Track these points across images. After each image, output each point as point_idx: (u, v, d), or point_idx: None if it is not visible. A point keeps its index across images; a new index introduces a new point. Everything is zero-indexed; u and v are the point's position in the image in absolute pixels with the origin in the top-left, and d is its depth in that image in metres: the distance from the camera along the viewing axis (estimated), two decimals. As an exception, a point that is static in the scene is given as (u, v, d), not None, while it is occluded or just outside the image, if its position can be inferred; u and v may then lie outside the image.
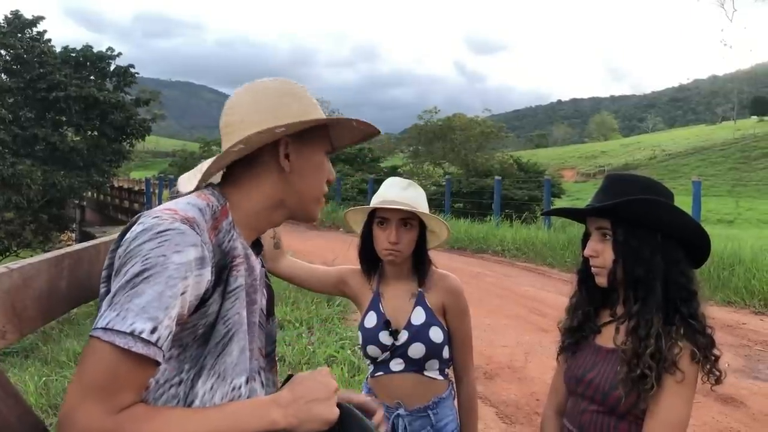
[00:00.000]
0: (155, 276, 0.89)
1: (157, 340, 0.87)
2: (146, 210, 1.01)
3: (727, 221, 36.83)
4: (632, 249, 1.51)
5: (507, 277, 9.52)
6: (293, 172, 1.10)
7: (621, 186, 1.57)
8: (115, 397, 0.87)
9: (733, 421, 4.08)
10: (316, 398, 1.04)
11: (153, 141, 69.06)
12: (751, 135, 68.69)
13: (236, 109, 1.10)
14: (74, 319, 7.69)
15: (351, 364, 4.95)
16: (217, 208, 1.05)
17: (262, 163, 1.09)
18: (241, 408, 0.99)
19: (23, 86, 21.45)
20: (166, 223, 0.94)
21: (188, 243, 0.94)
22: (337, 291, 2.14)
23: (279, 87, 1.11)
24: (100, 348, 0.86)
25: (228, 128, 1.10)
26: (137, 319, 0.86)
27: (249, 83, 1.13)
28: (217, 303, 1.01)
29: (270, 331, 1.21)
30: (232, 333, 1.03)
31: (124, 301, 0.87)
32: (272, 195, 1.11)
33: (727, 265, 7.87)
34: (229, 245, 1.04)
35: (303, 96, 1.12)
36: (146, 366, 0.89)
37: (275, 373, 1.23)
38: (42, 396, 4.64)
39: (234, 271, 1.04)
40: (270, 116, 1.07)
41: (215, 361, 1.01)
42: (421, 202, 1.94)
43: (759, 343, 5.75)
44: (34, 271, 0.98)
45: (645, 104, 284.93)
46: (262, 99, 1.09)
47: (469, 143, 28.79)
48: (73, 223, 27.20)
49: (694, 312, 1.50)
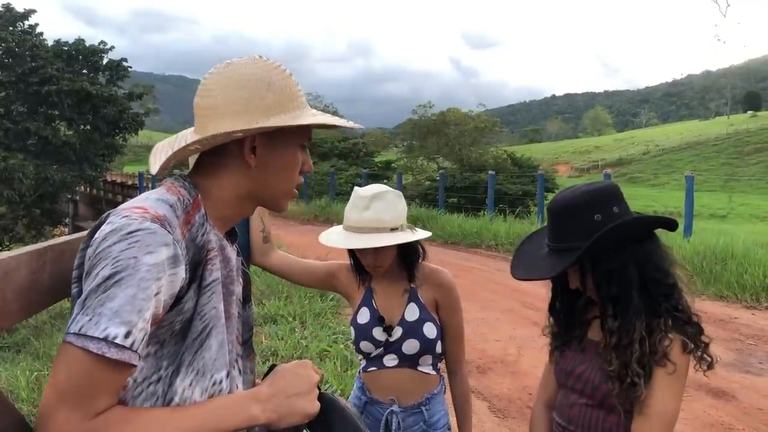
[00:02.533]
0: (127, 279, 0.87)
1: (131, 344, 0.86)
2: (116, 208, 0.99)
3: (720, 216, 37.03)
4: (605, 274, 1.48)
5: (500, 271, 9.52)
6: (260, 166, 1.06)
7: (571, 219, 1.50)
8: (91, 402, 0.86)
9: (725, 415, 4.10)
10: (297, 392, 1.03)
11: (146, 135, 68.55)
12: (744, 130, 68.97)
13: (210, 92, 1.05)
14: (65, 314, 7.65)
15: (344, 359, 4.95)
16: (188, 201, 1.03)
17: (229, 154, 1.05)
18: (219, 405, 0.98)
19: (15, 80, 21.28)
20: (135, 223, 0.91)
21: (159, 243, 0.91)
22: (328, 286, 2.13)
23: (255, 74, 1.05)
24: (74, 353, 0.85)
25: (199, 110, 1.06)
26: (110, 323, 0.85)
27: (228, 63, 1.07)
28: (192, 299, 0.99)
29: (246, 317, 1.19)
30: (210, 328, 1.02)
31: (96, 305, 0.85)
32: (240, 187, 1.08)
33: (720, 260, 7.90)
34: (202, 239, 1.02)
35: (281, 85, 1.06)
36: (121, 370, 0.88)
37: (252, 360, 1.22)
38: (33, 391, 4.63)
39: (209, 266, 1.02)
40: (241, 107, 1.03)
41: (193, 357, 1.00)
42: (386, 216, 1.84)
43: (750, 337, 5.78)
44: (15, 264, 0.96)
45: (639, 99, 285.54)
46: (236, 87, 1.04)
47: (464, 138, 28.81)
48: (66, 217, 27.07)
49: (676, 304, 1.48)
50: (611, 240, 1.45)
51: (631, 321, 1.46)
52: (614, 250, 1.47)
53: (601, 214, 1.47)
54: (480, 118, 30.49)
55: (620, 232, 1.46)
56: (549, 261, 1.54)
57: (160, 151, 1.10)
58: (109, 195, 26.63)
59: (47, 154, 21.41)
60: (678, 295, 1.49)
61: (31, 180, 19.65)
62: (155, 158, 1.09)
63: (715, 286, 7.47)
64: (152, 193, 1.02)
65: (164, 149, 1.10)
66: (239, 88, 1.04)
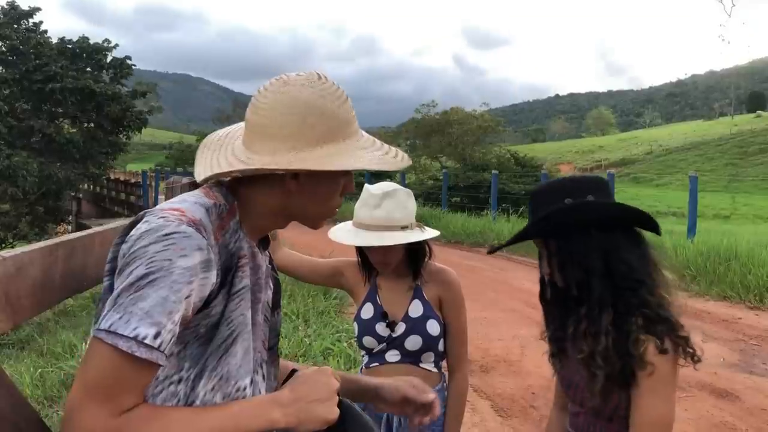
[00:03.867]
0: (160, 280, 0.88)
1: (159, 345, 0.88)
2: (143, 203, 1.00)
3: (724, 216, 36.93)
4: (566, 256, 1.47)
5: (503, 271, 9.53)
6: (300, 191, 1.06)
7: (543, 198, 1.52)
8: (118, 398, 0.87)
9: (728, 415, 4.10)
10: (318, 398, 1.03)
11: (150, 133, 68.95)
12: (748, 130, 68.77)
13: (261, 110, 1.04)
14: (70, 311, 7.69)
15: (347, 357, 4.96)
16: (224, 207, 1.04)
17: (272, 174, 1.04)
18: (242, 408, 1.00)
19: (19, 77, 21.29)
20: (172, 225, 0.93)
21: (194, 247, 0.93)
22: (334, 283, 2.15)
23: (309, 100, 1.03)
24: (103, 350, 0.86)
25: (249, 125, 1.06)
26: (141, 323, 0.86)
27: (285, 82, 1.05)
28: (221, 304, 1.01)
29: (274, 323, 1.20)
30: (236, 335, 1.03)
31: (128, 303, 0.87)
32: (277, 204, 1.08)
33: (723, 260, 7.89)
34: (235, 246, 1.04)
35: (333, 114, 1.04)
36: (149, 369, 0.89)
37: (277, 366, 1.22)
38: (38, 387, 4.64)
39: (239, 272, 1.04)
40: (289, 133, 1.01)
41: (217, 363, 1.01)
42: (397, 215, 1.87)
43: (754, 337, 5.77)
44: (28, 259, 0.97)
45: (642, 99, 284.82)
46: (287, 111, 1.02)
47: (467, 137, 28.80)
48: (70, 215, 27.09)
49: (643, 300, 1.43)
50: (566, 219, 1.45)
51: (595, 310, 1.43)
52: (577, 233, 1.45)
53: (573, 198, 1.47)
54: (483, 117, 30.46)
55: (579, 213, 1.45)
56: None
57: (207, 154, 1.10)
58: (113, 193, 26.66)
59: (51, 152, 21.43)
60: (648, 293, 1.44)
61: (34, 177, 19.64)
62: (201, 160, 1.10)
63: (718, 287, 7.46)
64: (189, 195, 1.03)
65: (211, 152, 1.10)
66: (290, 113, 1.02)
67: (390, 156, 1.08)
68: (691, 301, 7.22)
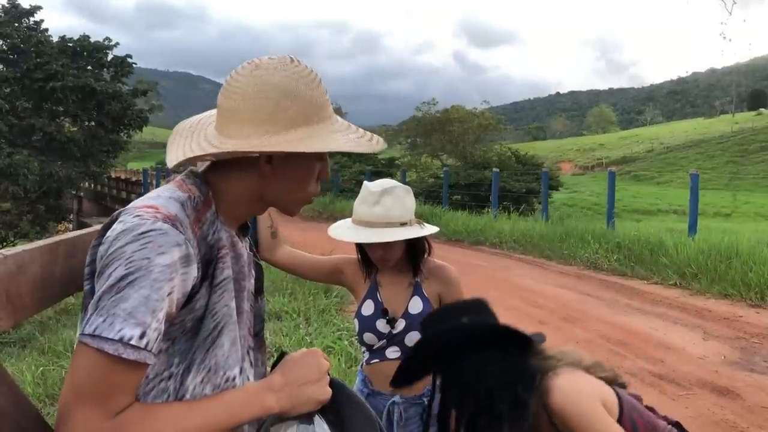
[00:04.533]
0: (140, 280, 0.88)
1: (146, 345, 0.87)
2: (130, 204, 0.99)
3: (725, 214, 36.88)
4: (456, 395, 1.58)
5: (504, 269, 9.53)
6: (275, 175, 1.05)
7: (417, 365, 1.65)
8: (110, 401, 0.87)
9: (729, 413, 4.10)
10: (309, 380, 1.05)
11: (150, 132, 68.80)
12: (749, 128, 68.69)
13: (234, 95, 1.03)
14: (71, 309, 7.68)
15: (348, 355, 4.96)
16: (199, 199, 1.03)
17: (245, 159, 1.03)
18: (235, 397, 1.00)
19: (20, 76, 21.30)
20: (147, 223, 0.92)
21: (172, 243, 0.92)
22: (334, 280, 2.16)
23: (282, 83, 1.01)
24: (90, 354, 0.86)
25: (221, 110, 1.04)
26: (125, 325, 0.86)
27: (257, 66, 1.03)
28: (204, 297, 1.00)
29: (258, 309, 1.20)
30: (222, 326, 1.03)
31: (110, 306, 0.86)
32: (252, 190, 1.07)
33: (724, 258, 7.89)
34: (213, 237, 1.03)
35: (306, 97, 1.03)
36: (137, 369, 0.89)
37: (264, 352, 1.23)
38: (39, 386, 4.65)
39: (220, 264, 1.03)
40: (263, 117, 1.00)
41: (205, 355, 1.01)
42: (396, 211, 1.88)
43: (755, 335, 5.77)
44: (29, 257, 0.97)
45: (643, 97, 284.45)
46: (260, 95, 1.00)
47: (468, 135, 28.75)
48: (71, 213, 27.12)
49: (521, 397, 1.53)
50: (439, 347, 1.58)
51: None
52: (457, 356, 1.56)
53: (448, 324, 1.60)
54: (484, 115, 30.40)
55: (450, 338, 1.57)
56: None
57: (179, 141, 1.09)
58: (114, 191, 26.72)
59: (52, 151, 21.44)
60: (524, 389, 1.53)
61: (35, 176, 19.65)
62: (172, 147, 1.08)
63: (719, 285, 7.46)
64: (163, 190, 1.02)
65: (183, 139, 1.09)
66: (263, 97, 1.01)
67: (365, 139, 1.08)
68: (692, 299, 7.22)
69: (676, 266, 8.22)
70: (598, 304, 7.08)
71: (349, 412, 1.10)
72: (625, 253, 9.22)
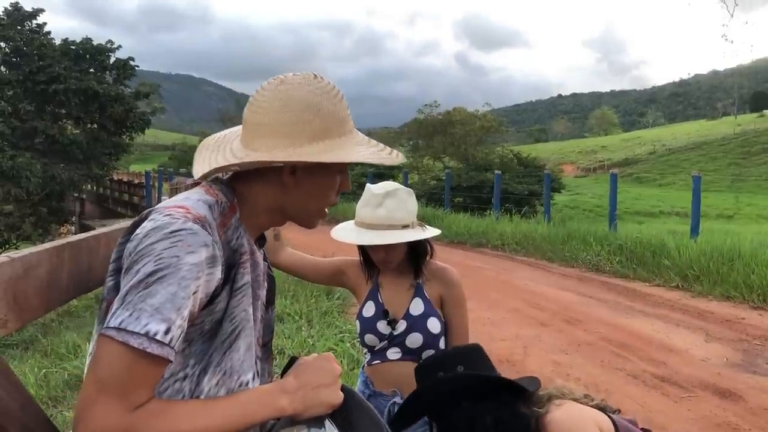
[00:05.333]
0: (168, 277, 0.90)
1: (170, 341, 0.89)
2: (146, 203, 1.01)
3: (727, 216, 36.84)
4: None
5: (506, 271, 9.53)
6: (297, 187, 1.08)
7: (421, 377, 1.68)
8: (131, 395, 0.88)
9: (731, 415, 4.09)
10: (322, 384, 1.06)
11: (152, 134, 69.16)
12: (751, 130, 68.62)
13: (259, 109, 1.06)
14: (74, 311, 7.70)
15: (350, 357, 4.97)
16: (225, 204, 1.06)
17: (270, 170, 1.07)
18: (249, 397, 1.02)
19: (23, 78, 21.39)
20: (178, 222, 0.94)
21: (200, 243, 0.94)
22: (336, 282, 2.17)
23: (306, 98, 1.05)
24: (115, 348, 0.87)
25: (247, 124, 1.08)
26: (151, 320, 0.87)
27: (282, 81, 1.08)
28: (224, 300, 1.02)
29: (268, 320, 1.22)
30: (239, 330, 1.05)
31: (137, 301, 0.88)
32: (275, 201, 1.10)
33: (727, 260, 7.87)
34: (237, 243, 1.05)
35: (329, 111, 1.07)
36: (160, 365, 0.91)
37: (270, 363, 1.25)
38: (42, 388, 4.65)
39: (241, 269, 1.05)
40: (287, 130, 1.04)
41: (222, 358, 1.03)
42: (399, 214, 1.90)
43: (757, 337, 5.76)
44: (36, 260, 0.98)
45: (645, 99, 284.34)
46: (284, 109, 1.04)
47: (469, 137, 28.80)
48: (73, 215, 27.17)
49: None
50: (435, 396, 1.61)
51: None
52: (450, 406, 1.59)
53: (444, 371, 1.62)
54: (486, 117, 30.47)
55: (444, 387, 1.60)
56: None
57: (205, 154, 1.12)
58: (116, 194, 26.75)
59: (54, 153, 21.50)
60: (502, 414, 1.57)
61: (38, 178, 19.72)
62: (199, 160, 1.12)
63: (721, 287, 7.44)
64: (192, 193, 1.05)
65: (210, 152, 1.12)
66: (287, 111, 1.04)
67: (385, 153, 1.12)
68: (694, 302, 7.21)
69: (678, 268, 8.21)
70: (600, 306, 7.07)
71: (356, 417, 1.12)
72: (627, 255, 9.21)
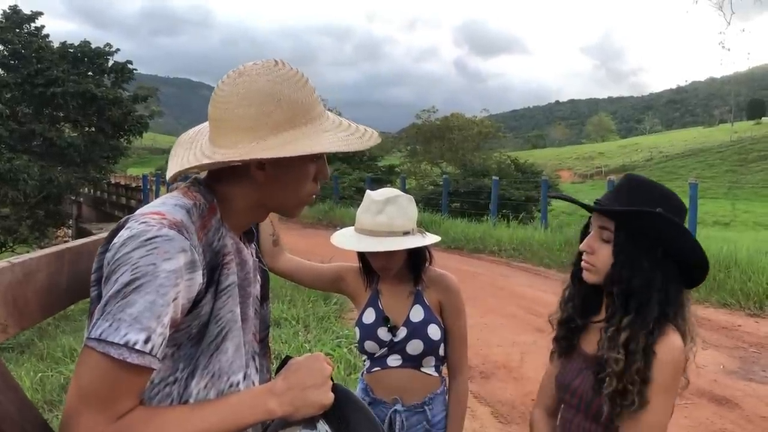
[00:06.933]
0: (146, 285, 0.89)
1: (151, 350, 0.88)
2: (138, 209, 1.01)
3: (724, 223, 36.91)
4: (632, 257, 1.47)
5: (503, 277, 9.53)
6: (270, 181, 1.06)
7: (638, 192, 1.52)
8: (114, 404, 0.88)
9: (728, 423, 4.10)
10: (312, 385, 1.05)
11: (150, 138, 69.12)
12: (748, 137, 68.79)
13: (219, 104, 1.04)
14: (70, 315, 7.68)
15: (347, 362, 4.96)
16: (204, 206, 1.04)
17: (239, 167, 1.04)
18: (237, 401, 1.01)
19: (21, 81, 21.33)
20: (153, 229, 0.93)
21: (177, 249, 0.93)
22: (335, 288, 2.16)
23: (265, 89, 1.01)
24: (96, 358, 0.87)
25: (211, 120, 1.06)
26: (130, 330, 0.87)
27: (241, 73, 1.04)
28: (209, 303, 1.01)
29: (264, 315, 1.21)
30: (226, 332, 1.04)
31: (116, 311, 0.88)
32: (251, 197, 1.08)
33: (723, 267, 7.89)
34: (219, 244, 1.04)
35: (291, 99, 1.03)
36: (142, 373, 0.90)
37: (268, 359, 1.24)
38: (38, 392, 4.64)
39: (225, 270, 1.04)
40: (248, 124, 1.01)
41: (209, 361, 1.02)
42: (399, 221, 1.89)
43: (754, 345, 5.77)
44: (35, 265, 0.98)
45: (643, 106, 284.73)
46: (243, 103, 1.01)
47: (467, 143, 28.88)
48: (70, 219, 27.11)
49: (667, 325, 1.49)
50: (664, 225, 1.46)
51: (646, 325, 1.45)
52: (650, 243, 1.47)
53: (663, 208, 1.48)
54: (483, 123, 30.57)
55: (674, 227, 1.47)
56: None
57: (179, 153, 1.11)
58: (113, 197, 26.65)
59: (52, 156, 21.45)
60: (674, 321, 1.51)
61: (35, 181, 19.65)
62: (172, 160, 1.11)
63: (718, 294, 7.46)
64: (169, 197, 1.04)
65: (183, 150, 1.11)
66: (247, 104, 1.01)
67: (355, 136, 1.08)
68: (691, 308, 7.21)
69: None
70: (597, 312, 7.07)
71: (353, 418, 1.11)
72: (624, 261, 9.21)
